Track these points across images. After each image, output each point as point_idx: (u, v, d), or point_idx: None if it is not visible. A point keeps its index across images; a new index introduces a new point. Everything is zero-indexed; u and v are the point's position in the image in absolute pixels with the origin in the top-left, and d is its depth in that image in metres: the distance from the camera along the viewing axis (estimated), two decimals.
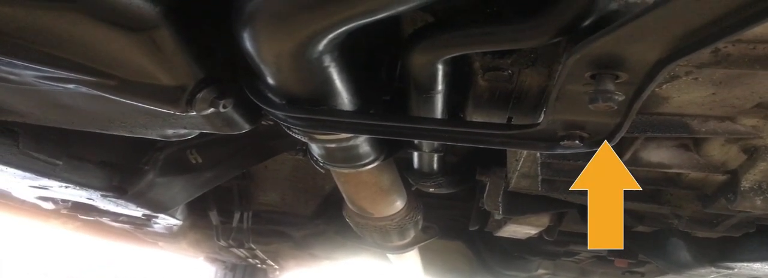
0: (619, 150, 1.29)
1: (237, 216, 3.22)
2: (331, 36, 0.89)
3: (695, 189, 1.38)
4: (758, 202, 1.22)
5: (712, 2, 0.67)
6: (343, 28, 0.85)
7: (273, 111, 1.15)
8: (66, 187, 2.27)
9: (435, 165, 1.72)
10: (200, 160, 2.36)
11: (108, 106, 1.38)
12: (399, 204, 2.15)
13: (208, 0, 1.08)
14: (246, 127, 1.45)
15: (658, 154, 1.28)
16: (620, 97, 0.85)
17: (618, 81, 0.85)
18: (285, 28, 0.86)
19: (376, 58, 1.23)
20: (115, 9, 0.96)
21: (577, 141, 1.01)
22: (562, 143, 1.03)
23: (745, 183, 1.22)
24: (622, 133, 0.97)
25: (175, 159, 2.31)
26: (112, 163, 2.24)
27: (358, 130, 1.16)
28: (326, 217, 3.20)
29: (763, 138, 1.13)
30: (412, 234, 2.53)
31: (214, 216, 3.24)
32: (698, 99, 1.04)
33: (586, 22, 0.82)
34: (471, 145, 1.11)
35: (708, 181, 1.34)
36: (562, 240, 2.31)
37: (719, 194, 1.31)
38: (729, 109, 1.07)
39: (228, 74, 1.23)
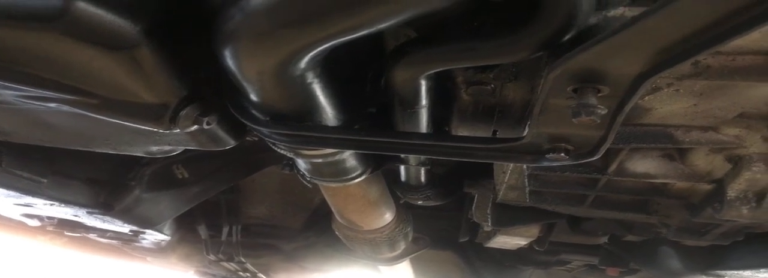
0: (605, 161, 1.29)
1: (226, 230, 3.19)
2: (312, 53, 0.88)
3: (682, 199, 1.38)
4: (744, 211, 1.22)
5: (688, 17, 0.67)
6: (324, 46, 0.85)
7: (257, 128, 1.14)
8: (51, 205, 2.24)
9: (422, 178, 1.72)
10: (187, 175, 2.34)
11: (91, 124, 1.36)
12: (388, 217, 2.14)
13: (190, 18, 1.07)
14: (231, 143, 1.44)
15: (644, 165, 1.28)
16: (603, 111, 0.85)
17: (600, 94, 0.85)
18: (265, 47, 0.85)
19: (360, 71, 1.23)
20: (95, 28, 0.96)
21: (562, 154, 1.01)
22: (547, 156, 1.03)
23: (731, 192, 1.22)
24: (606, 146, 0.97)
25: (161, 174, 2.29)
26: (98, 180, 2.22)
27: (343, 145, 1.16)
28: (316, 230, 3.18)
29: (746, 147, 1.13)
30: (402, 246, 2.52)
31: (202, 231, 3.22)
32: (680, 110, 1.05)
33: (567, 37, 0.82)
34: (457, 159, 1.10)
35: (694, 191, 1.35)
36: (554, 249, 2.31)
37: (706, 203, 1.32)
38: (711, 119, 1.08)
39: (212, 91, 1.22)
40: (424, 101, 1.08)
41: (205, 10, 1.04)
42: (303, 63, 0.92)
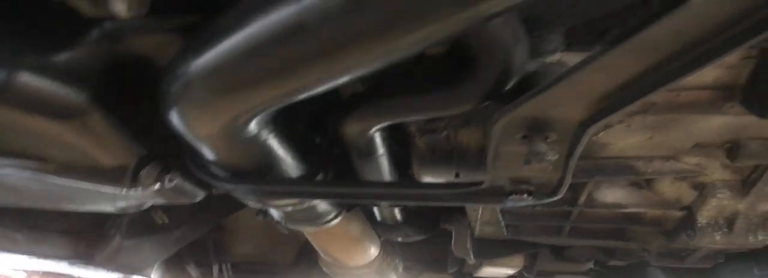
0: (574, 193, 1.28)
1: (215, 268, 3.14)
2: (259, 116, 0.88)
3: (657, 226, 1.37)
4: (717, 237, 1.21)
5: (614, 70, 0.67)
6: (268, 109, 0.85)
7: (218, 184, 1.13)
8: (30, 259, 2.20)
9: (398, 217, 1.70)
10: (166, 220, 2.31)
11: (54, 186, 1.35)
12: (373, 251, 2.11)
13: (138, 81, 1.06)
14: (200, 195, 1.42)
15: (613, 194, 1.27)
16: (553, 157, 0.85)
17: (549, 140, 0.84)
18: (207, 113, 0.85)
19: (318, 120, 1.22)
20: (41, 99, 0.95)
21: (524, 195, 1.00)
22: (510, 197, 1.02)
23: (702, 219, 1.21)
24: (566, 186, 0.96)
25: (140, 220, 2.25)
26: (75, 230, 2.19)
27: (306, 196, 1.15)
28: (307, 263, 3.13)
29: (708, 175, 1.13)
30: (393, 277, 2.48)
31: (192, 270, 3.16)
32: (637, 143, 1.05)
33: (509, 86, 0.82)
34: (423, 204, 1.09)
35: (667, 217, 1.34)
36: (546, 272, 2.28)
37: (680, 230, 1.31)
38: (669, 150, 1.07)
39: (172, 147, 1.21)
40: (380, 150, 1.07)
41: (151, 73, 1.03)
42: (252, 124, 0.91)
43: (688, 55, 0.63)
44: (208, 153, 1.04)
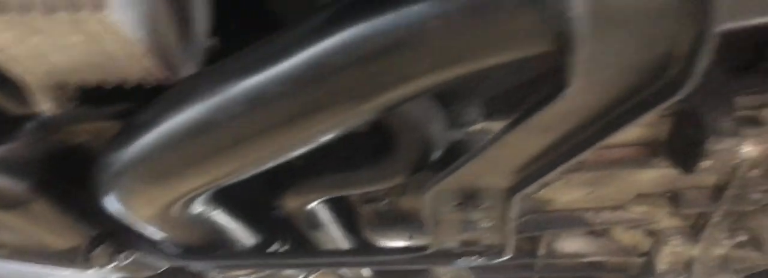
0: (533, 245, 1.28)
1: None
2: (198, 198, 0.88)
3: (622, 272, 1.37)
4: None
5: (522, 146, 0.69)
6: (203, 193, 0.85)
7: (171, 261, 1.12)
8: None
9: (365, 275, 1.68)
10: None
11: (10, 268, 1.34)
12: None
13: (82, 163, 1.07)
14: (164, 266, 1.41)
15: (572, 244, 1.27)
16: (489, 223, 0.85)
17: (482, 206, 0.85)
18: (142, 199, 0.85)
19: (269, 187, 1.23)
20: None
21: (474, 257, 1.00)
22: (460, 259, 1.01)
23: (661, 265, 1.21)
24: (510, 247, 0.96)
25: None
26: None
27: (261, 267, 1.14)
28: None
29: (657, 222, 1.13)
30: None
31: None
32: (579, 197, 1.06)
33: (434, 157, 0.83)
34: (379, 268, 1.09)
35: (629, 264, 1.33)
36: None
37: (642, 276, 1.30)
38: (614, 200, 1.08)
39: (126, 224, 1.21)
40: (326, 220, 1.07)
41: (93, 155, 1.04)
42: (193, 204, 0.92)
43: (587, 130, 0.65)
44: (155, 233, 1.04)
